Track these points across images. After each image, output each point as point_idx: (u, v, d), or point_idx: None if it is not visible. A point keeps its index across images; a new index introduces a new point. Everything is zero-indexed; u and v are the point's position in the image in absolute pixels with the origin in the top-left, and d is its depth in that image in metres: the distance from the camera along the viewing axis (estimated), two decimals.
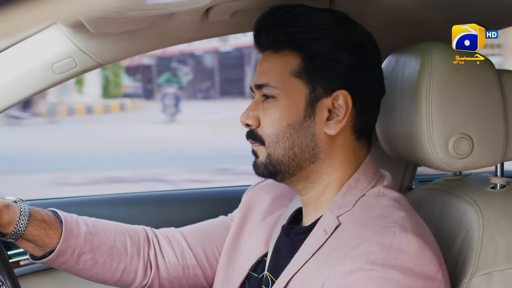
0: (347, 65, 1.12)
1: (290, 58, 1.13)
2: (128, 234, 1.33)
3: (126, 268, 1.31)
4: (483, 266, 1.10)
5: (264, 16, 1.15)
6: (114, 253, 1.30)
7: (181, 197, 1.99)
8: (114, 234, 1.31)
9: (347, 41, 1.12)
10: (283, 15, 1.13)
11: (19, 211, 1.21)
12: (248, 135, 1.18)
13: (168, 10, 1.23)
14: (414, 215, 1.09)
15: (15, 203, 1.22)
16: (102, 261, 1.28)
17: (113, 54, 1.40)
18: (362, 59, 1.13)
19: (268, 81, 1.14)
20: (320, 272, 1.04)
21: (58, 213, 1.27)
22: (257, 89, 1.16)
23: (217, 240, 1.37)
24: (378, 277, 0.99)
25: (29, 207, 1.23)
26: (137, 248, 1.33)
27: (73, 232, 1.25)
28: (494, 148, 1.17)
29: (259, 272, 1.24)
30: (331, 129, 1.12)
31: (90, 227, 1.28)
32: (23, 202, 1.23)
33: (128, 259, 1.31)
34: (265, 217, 1.31)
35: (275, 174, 1.15)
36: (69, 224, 1.26)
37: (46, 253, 1.25)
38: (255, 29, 1.17)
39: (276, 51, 1.14)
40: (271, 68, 1.14)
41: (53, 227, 1.24)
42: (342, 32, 1.12)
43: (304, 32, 1.12)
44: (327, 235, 1.08)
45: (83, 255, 1.26)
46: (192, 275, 1.36)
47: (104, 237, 1.29)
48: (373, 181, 1.13)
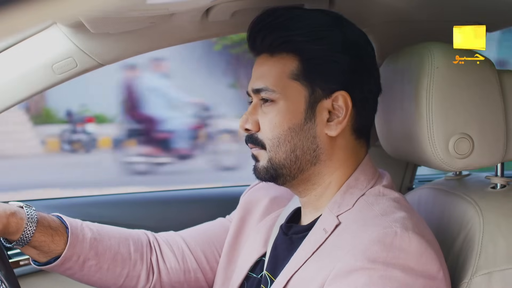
0: (345, 66, 1.12)
1: (287, 61, 1.12)
2: (132, 239, 1.33)
3: (129, 273, 1.31)
4: (484, 266, 1.10)
5: (259, 20, 1.15)
6: (118, 259, 1.29)
7: (181, 197, 1.99)
8: (118, 240, 1.31)
9: (343, 42, 1.12)
10: (278, 18, 1.13)
11: (26, 217, 1.19)
12: (247, 140, 1.17)
13: (168, 10, 1.23)
14: (415, 214, 1.09)
15: (21, 209, 1.21)
16: (106, 267, 1.28)
17: (113, 54, 1.40)
18: (359, 59, 1.13)
19: (266, 85, 1.13)
20: (320, 271, 1.04)
21: (63, 219, 1.26)
22: (254, 94, 1.16)
23: (217, 243, 1.37)
24: (379, 276, 0.99)
25: (36, 213, 1.21)
26: (140, 253, 1.32)
27: (79, 238, 1.25)
28: (494, 148, 1.17)
29: (258, 273, 1.24)
30: (332, 130, 1.12)
31: (95, 233, 1.28)
32: (29, 207, 1.22)
33: (132, 265, 1.31)
34: (263, 218, 1.31)
35: (276, 177, 1.15)
36: (75, 230, 1.25)
37: (50, 259, 1.24)
38: (249, 33, 1.17)
39: (273, 55, 1.14)
40: (268, 72, 1.14)
41: (59, 233, 1.23)
42: (338, 33, 1.12)
43: (300, 35, 1.12)
44: (327, 234, 1.08)
45: (87, 261, 1.26)
46: (193, 279, 1.36)
47: (108, 243, 1.29)
48: (372, 181, 1.13)
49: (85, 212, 1.78)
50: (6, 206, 1.19)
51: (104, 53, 1.38)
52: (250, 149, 1.18)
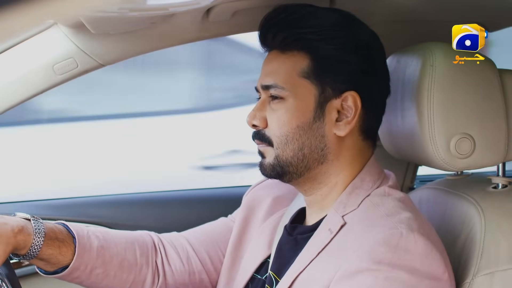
0: (356, 66, 1.11)
1: (298, 59, 1.12)
2: (137, 243, 1.32)
3: (136, 278, 1.30)
4: (485, 266, 1.10)
5: (270, 16, 1.14)
6: (124, 265, 1.28)
7: (182, 197, 1.99)
8: (124, 245, 1.29)
9: (355, 42, 1.12)
10: (290, 15, 1.12)
11: (34, 232, 1.16)
12: (254, 136, 1.17)
13: (169, 10, 1.23)
14: (420, 215, 1.09)
15: (28, 222, 1.18)
16: (113, 274, 1.27)
17: (114, 55, 1.40)
18: (370, 59, 1.13)
19: (275, 82, 1.13)
20: (325, 271, 1.04)
21: (70, 228, 1.24)
22: (263, 90, 1.15)
23: (221, 243, 1.36)
24: (384, 277, 0.98)
25: (43, 225, 1.18)
26: (145, 257, 1.31)
27: (86, 248, 1.23)
28: (496, 147, 1.17)
29: (262, 274, 1.23)
30: (340, 130, 1.12)
31: (101, 240, 1.26)
32: (36, 220, 1.19)
33: (138, 270, 1.30)
34: (267, 218, 1.31)
35: (282, 175, 1.15)
36: (82, 239, 1.23)
37: (57, 269, 1.23)
38: (261, 29, 1.16)
39: (284, 52, 1.13)
40: (278, 69, 1.13)
41: (66, 244, 1.21)
42: (350, 33, 1.12)
43: (313, 33, 1.11)
44: (332, 235, 1.08)
45: (95, 270, 1.24)
46: (198, 280, 1.35)
47: (115, 250, 1.27)
48: (378, 181, 1.13)
49: (85, 212, 1.78)
50: (14, 222, 1.15)
51: (104, 54, 1.38)
52: (257, 145, 1.18)
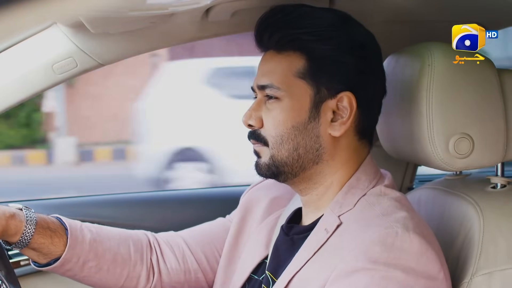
0: (351, 67, 1.12)
1: (294, 59, 1.12)
2: (132, 240, 1.33)
3: (130, 274, 1.31)
4: (484, 265, 1.10)
5: (267, 16, 1.14)
6: (118, 260, 1.29)
7: (180, 197, 1.99)
8: (118, 241, 1.30)
9: (351, 42, 1.12)
10: (287, 16, 1.12)
11: (25, 219, 1.19)
12: (250, 136, 1.17)
13: (168, 10, 1.23)
14: (416, 214, 1.09)
15: (20, 211, 1.20)
16: (106, 268, 1.28)
17: (113, 54, 1.40)
18: (366, 60, 1.13)
19: (271, 82, 1.13)
20: (322, 271, 1.04)
21: (62, 220, 1.26)
22: (259, 90, 1.16)
23: (217, 243, 1.37)
24: (380, 276, 0.99)
25: (35, 214, 1.21)
26: (140, 254, 1.32)
27: (78, 240, 1.24)
28: (495, 147, 1.17)
29: (259, 274, 1.24)
30: (335, 131, 1.12)
31: (94, 234, 1.28)
32: (29, 210, 1.22)
33: (132, 266, 1.31)
34: (264, 218, 1.31)
35: (277, 175, 1.15)
36: (74, 231, 1.25)
37: (50, 261, 1.24)
38: (257, 29, 1.17)
39: (280, 52, 1.14)
40: (274, 69, 1.14)
41: (58, 234, 1.23)
42: (346, 33, 1.12)
43: (309, 33, 1.11)
44: (328, 234, 1.08)
45: (87, 263, 1.25)
46: (194, 279, 1.35)
47: (108, 244, 1.28)
48: (374, 181, 1.13)
49: (85, 212, 1.77)
50: (5, 208, 1.19)
51: (104, 53, 1.38)
52: (252, 145, 1.18)
